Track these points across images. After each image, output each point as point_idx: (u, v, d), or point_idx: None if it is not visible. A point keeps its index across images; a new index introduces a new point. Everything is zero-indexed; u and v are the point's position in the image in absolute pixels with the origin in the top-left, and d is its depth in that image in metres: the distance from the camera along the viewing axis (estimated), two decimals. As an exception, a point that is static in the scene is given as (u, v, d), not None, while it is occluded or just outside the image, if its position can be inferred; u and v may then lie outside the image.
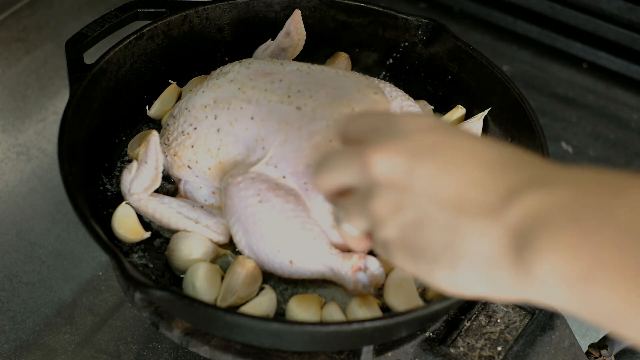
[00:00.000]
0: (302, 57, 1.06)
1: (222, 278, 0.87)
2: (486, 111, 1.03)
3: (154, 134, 0.89)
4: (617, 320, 0.52)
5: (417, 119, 0.64)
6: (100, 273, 1.10)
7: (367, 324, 0.77)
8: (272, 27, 1.09)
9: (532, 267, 0.54)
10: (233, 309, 0.84)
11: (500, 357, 0.87)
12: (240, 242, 0.87)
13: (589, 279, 0.52)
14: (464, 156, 0.60)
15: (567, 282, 0.53)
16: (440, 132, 0.62)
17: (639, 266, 0.50)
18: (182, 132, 0.93)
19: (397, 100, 1.01)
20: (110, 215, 0.92)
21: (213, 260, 0.89)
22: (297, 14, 1.04)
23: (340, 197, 0.68)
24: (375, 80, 1.02)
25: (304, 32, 1.05)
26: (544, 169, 0.58)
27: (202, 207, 0.92)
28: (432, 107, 1.07)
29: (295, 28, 1.04)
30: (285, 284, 0.89)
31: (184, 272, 0.88)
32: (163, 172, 0.92)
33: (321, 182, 0.68)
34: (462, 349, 0.87)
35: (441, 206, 0.59)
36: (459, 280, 0.60)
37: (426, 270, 0.61)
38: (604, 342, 1.00)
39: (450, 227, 0.59)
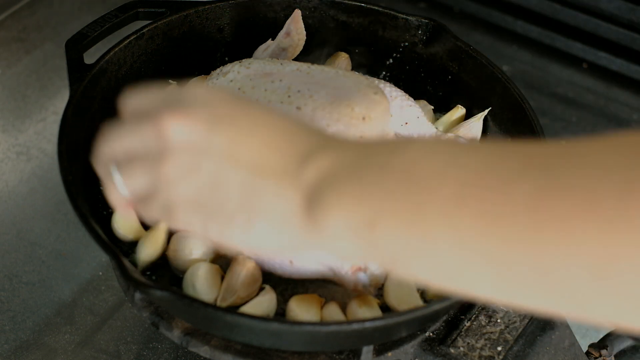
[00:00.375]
0: (302, 57, 1.06)
1: (222, 278, 0.87)
2: (486, 111, 1.03)
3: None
4: (400, 258, 0.57)
5: (211, 92, 0.67)
6: (100, 273, 1.10)
7: (367, 324, 0.77)
8: (272, 27, 1.09)
9: (322, 221, 0.60)
10: (233, 309, 0.84)
11: (500, 357, 0.87)
12: (240, 242, 0.87)
13: (371, 225, 0.57)
14: (260, 124, 0.64)
15: (353, 232, 0.58)
16: (237, 104, 0.66)
17: (411, 207, 0.56)
18: (182, 132, 0.93)
19: (397, 100, 1.01)
20: (110, 215, 0.92)
21: (213, 260, 0.89)
22: (297, 14, 1.04)
23: (123, 160, 0.68)
24: (375, 80, 1.01)
25: (304, 32, 1.05)
26: (331, 137, 0.64)
27: (202, 207, 0.92)
28: (432, 107, 1.07)
29: (295, 28, 1.04)
30: (285, 284, 0.89)
31: (184, 272, 0.88)
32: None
33: (107, 147, 0.68)
34: (462, 349, 0.87)
35: (239, 168, 0.63)
36: (254, 238, 0.64)
37: (219, 229, 0.64)
38: (604, 342, 1.00)
39: (247, 188, 0.63)
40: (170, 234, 0.91)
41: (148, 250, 0.89)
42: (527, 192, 0.52)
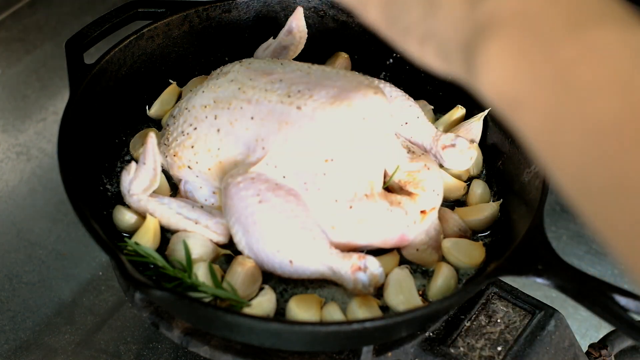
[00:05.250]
0: (302, 57, 1.06)
1: (222, 278, 0.87)
2: (486, 111, 1.03)
3: (151, 135, 0.89)
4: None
5: None
6: (100, 273, 1.10)
7: (367, 324, 0.77)
8: (273, 26, 1.09)
9: (476, 58, 0.61)
10: (233, 309, 0.84)
11: (500, 357, 0.87)
12: (240, 242, 0.87)
13: (518, 102, 0.59)
14: None
15: (505, 86, 0.60)
16: None
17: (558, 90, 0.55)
18: (182, 132, 0.93)
19: (397, 100, 1.01)
20: (110, 215, 0.92)
21: (213, 260, 0.89)
22: (299, 11, 1.04)
23: None
24: (375, 81, 1.02)
25: (306, 30, 1.05)
26: None
27: (202, 207, 0.92)
28: (432, 107, 1.07)
29: (297, 25, 1.04)
30: (285, 284, 0.89)
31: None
32: (163, 171, 0.92)
33: None
34: (462, 349, 0.87)
35: None
36: (422, 53, 0.66)
37: (399, 36, 0.69)
38: (604, 342, 1.00)
39: (427, 6, 0.64)
40: (165, 230, 0.91)
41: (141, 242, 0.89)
42: None
